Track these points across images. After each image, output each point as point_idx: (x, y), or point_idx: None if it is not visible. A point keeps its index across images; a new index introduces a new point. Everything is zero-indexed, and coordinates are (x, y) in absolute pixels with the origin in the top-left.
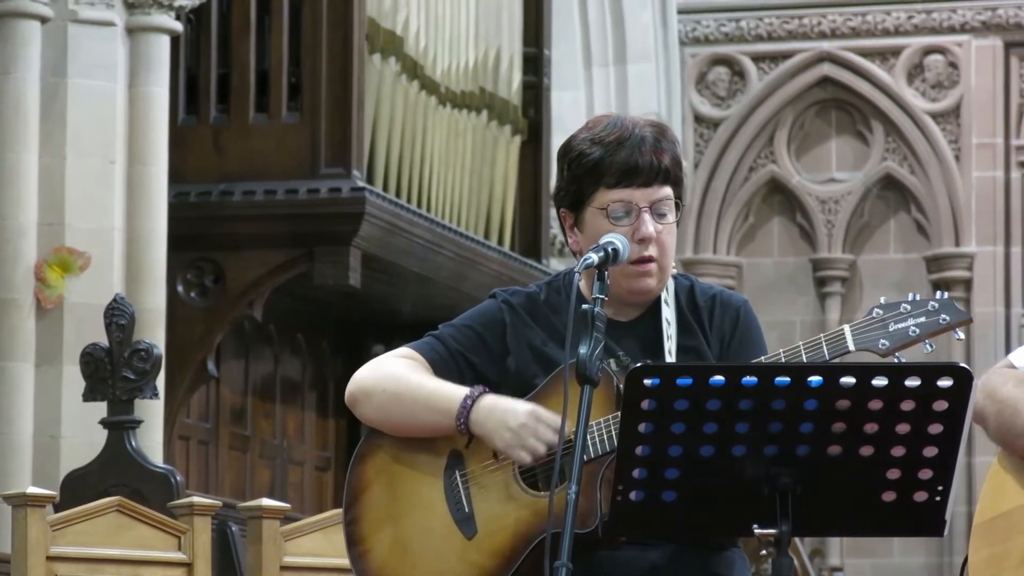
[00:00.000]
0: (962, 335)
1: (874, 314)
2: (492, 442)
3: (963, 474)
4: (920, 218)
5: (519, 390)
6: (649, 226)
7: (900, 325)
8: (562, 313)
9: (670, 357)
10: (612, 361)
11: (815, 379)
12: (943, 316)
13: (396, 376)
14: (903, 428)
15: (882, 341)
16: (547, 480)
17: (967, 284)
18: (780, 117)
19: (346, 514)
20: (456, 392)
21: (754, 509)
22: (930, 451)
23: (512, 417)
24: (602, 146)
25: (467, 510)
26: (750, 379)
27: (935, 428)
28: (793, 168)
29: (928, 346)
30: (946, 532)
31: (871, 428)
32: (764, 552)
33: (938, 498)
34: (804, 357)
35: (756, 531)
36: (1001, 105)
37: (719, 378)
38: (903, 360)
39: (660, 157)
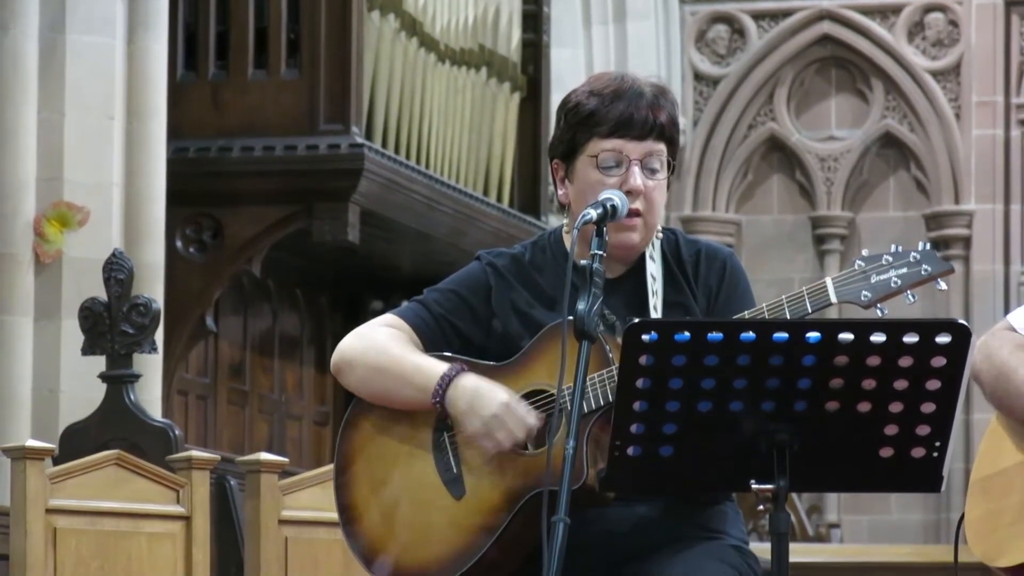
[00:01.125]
0: (944, 285)
1: (856, 266)
2: (462, 426)
3: (961, 431)
4: (919, 176)
5: (505, 352)
6: (638, 179)
7: (882, 276)
8: (547, 272)
9: (655, 313)
10: (598, 319)
11: (813, 335)
12: (925, 267)
13: (379, 348)
14: (901, 384)
15: (864, 293)
16: (536, 439)
17: (966, 242)
18: (780, 75)
19: (336, 479)
20: (435, 369)
21: (752, 465)
22: (928, 407)
23: (486, 405)
24: (599, 97)
25: (455, 471)
26: (748, 335)
27: (933, 384)
28: (792, 126)
29: (911, 297)
30: (943, 488)
31: (869, 384)
32: (761, 508)
33: (935, 454)
34: (787, 311)
35: (753, 487)
36: (1001, 63)
37: (717, 334)
38: (886, 312)
39: (656, 113)
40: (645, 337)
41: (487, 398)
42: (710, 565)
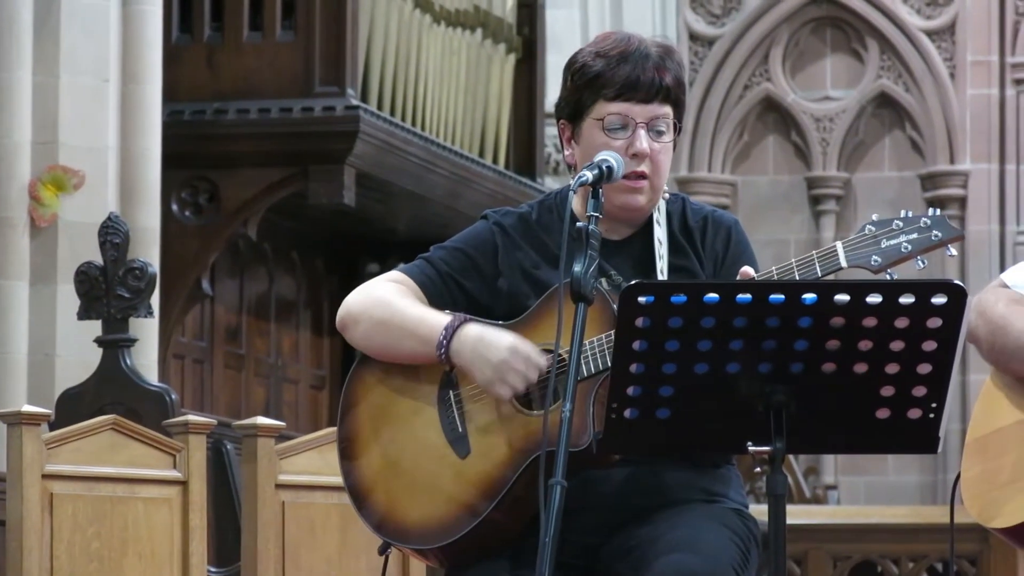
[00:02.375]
0: (954, 251)
1: (867, 230)
2: (472, 375)
3: (957, 392)
4: (915, 136)
5: (511, 312)
6: (644, 142)
7: (892, 241)
8: (554, 232)
9: (661, 276)
10: (604, 280)
11: (809, 296)
12: (935, 232)
13: (383, 302)
14: (897, 345)
15: (874, 257)
16: (541, 399)
17: (962, 202)
18: (775, 35)
19: (339, 433)
20: (439, 321)
21: (748, 426)
22: (924, 368)
23: (493, 352)
24: (605, 59)
25: (460, 430)
26: (744, 296)
27: (929, 345)
28: (788, 86)
29: (920, 262)
30: (940, 449)
31: (865, 345)
32: (758, 470)
33: (932, 415)
34: (797, 274)
35: (750, 448)
36: (996, 22)
37: (713, 295)
38: (895, 277)
39: (662, 75)
40: (641, 299)
41: (493, 344)
42: (709, 528)
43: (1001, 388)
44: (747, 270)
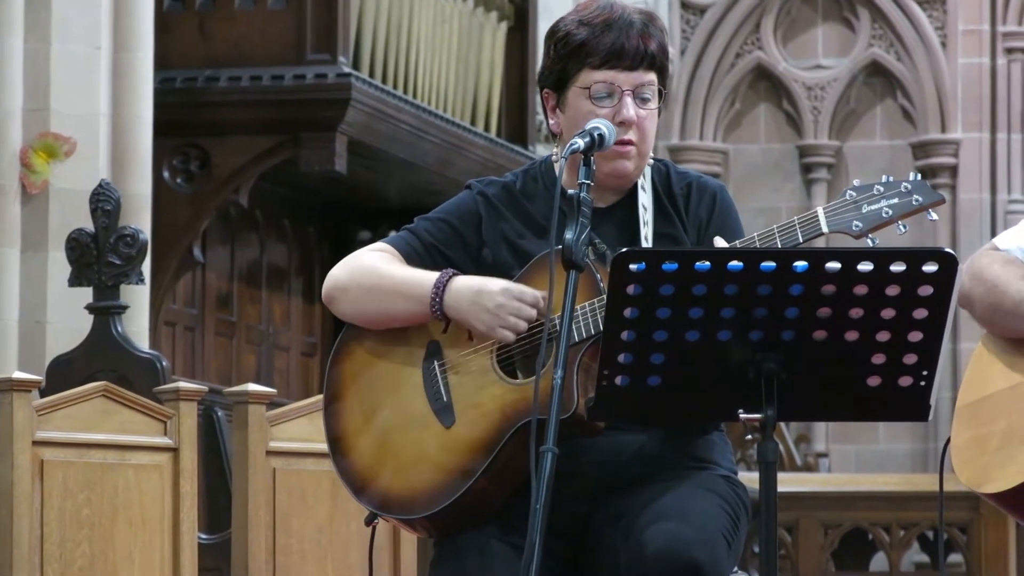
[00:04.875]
0: (935, 216)
1: (847, 196)
2: (471, 325)
3: (948, 360)
4: (906, 104)
5: None
6: (630, 109)
7: (873, 206)
8: (538, 201)
9: (646, 243)
10: (589, 248)
11: (800, 264)
12: (916, 197)
13: (369, 269)
14: (888, 313)
15: (855, 223)
16: (525, 367)
17: (953, 171)
18: (767, 3)
19: (326, 409)
20: (428, 278)
21: (739, 394)
22: (915, 336)
23: (488, 298)
24: (589, 27)
25: (445, 399)
26: (736, 264)
27: (920, 313)
28: (779, 54)
29: (901, 227)
30: (931, 417)
31: (856, 313)
32: (749, 437)
33: (923, 383)
34: (778, 240)
35: (741, 416)
36: None
37: (705, 263)
38: (877, 242)
39: (647, 42)
40: (633, 267)
41: (487, 291)
42: (699, 495)
43: (993, 352)
44: (717, 240)
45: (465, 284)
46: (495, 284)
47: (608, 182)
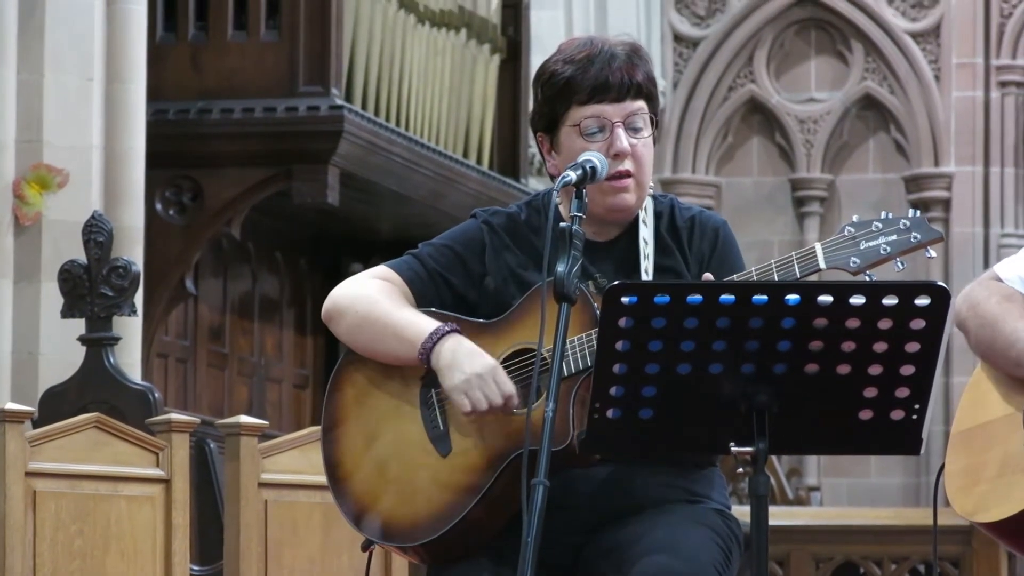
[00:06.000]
0: (934, 253)
1: (846, 232)
2: (443, 379)
3: (940, 394)
4: (899, 138)
5: (496, 311)
6: (623, 140)
7: (871, 243)
8: (542, 233)
9: (646, 276)
10: (590, 283)
11: (792, 297)
12: (914, 234)
13: (369, 299)
14: (880, 346)
15: (853, 259)
16: (523, 398)
17: (946, 204)
18: (760, 36)
19: (325, 435)
20: (426, 325)
21: (731, 427)
22: (907, 369)
23: (472, 363)
24: (573, 64)
25: (442, 428)
26: (727, 297)
27: (912, 346)
28: (772, 88)
29: (899, 264)
30: (923, 451)
31: (848, 346)
32: (741, 470)
33: (915, 416)
34: (776, 275)
35: (733, 449)
36: (981, 25)
37: (697, 296)
38: (875, 278)
39: (631, 72)
40: (625, 299)
41: (475, 357)
42: (691, 528)
43: (989, 381)
44: (707, 276)
45: (458, 344)
46: (487, 359)
47: (609, 216)
